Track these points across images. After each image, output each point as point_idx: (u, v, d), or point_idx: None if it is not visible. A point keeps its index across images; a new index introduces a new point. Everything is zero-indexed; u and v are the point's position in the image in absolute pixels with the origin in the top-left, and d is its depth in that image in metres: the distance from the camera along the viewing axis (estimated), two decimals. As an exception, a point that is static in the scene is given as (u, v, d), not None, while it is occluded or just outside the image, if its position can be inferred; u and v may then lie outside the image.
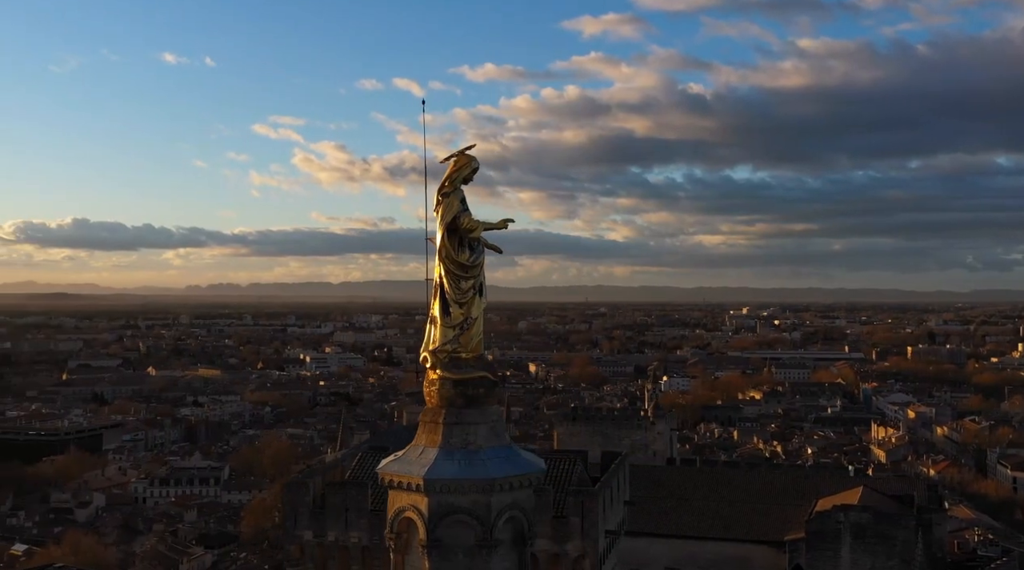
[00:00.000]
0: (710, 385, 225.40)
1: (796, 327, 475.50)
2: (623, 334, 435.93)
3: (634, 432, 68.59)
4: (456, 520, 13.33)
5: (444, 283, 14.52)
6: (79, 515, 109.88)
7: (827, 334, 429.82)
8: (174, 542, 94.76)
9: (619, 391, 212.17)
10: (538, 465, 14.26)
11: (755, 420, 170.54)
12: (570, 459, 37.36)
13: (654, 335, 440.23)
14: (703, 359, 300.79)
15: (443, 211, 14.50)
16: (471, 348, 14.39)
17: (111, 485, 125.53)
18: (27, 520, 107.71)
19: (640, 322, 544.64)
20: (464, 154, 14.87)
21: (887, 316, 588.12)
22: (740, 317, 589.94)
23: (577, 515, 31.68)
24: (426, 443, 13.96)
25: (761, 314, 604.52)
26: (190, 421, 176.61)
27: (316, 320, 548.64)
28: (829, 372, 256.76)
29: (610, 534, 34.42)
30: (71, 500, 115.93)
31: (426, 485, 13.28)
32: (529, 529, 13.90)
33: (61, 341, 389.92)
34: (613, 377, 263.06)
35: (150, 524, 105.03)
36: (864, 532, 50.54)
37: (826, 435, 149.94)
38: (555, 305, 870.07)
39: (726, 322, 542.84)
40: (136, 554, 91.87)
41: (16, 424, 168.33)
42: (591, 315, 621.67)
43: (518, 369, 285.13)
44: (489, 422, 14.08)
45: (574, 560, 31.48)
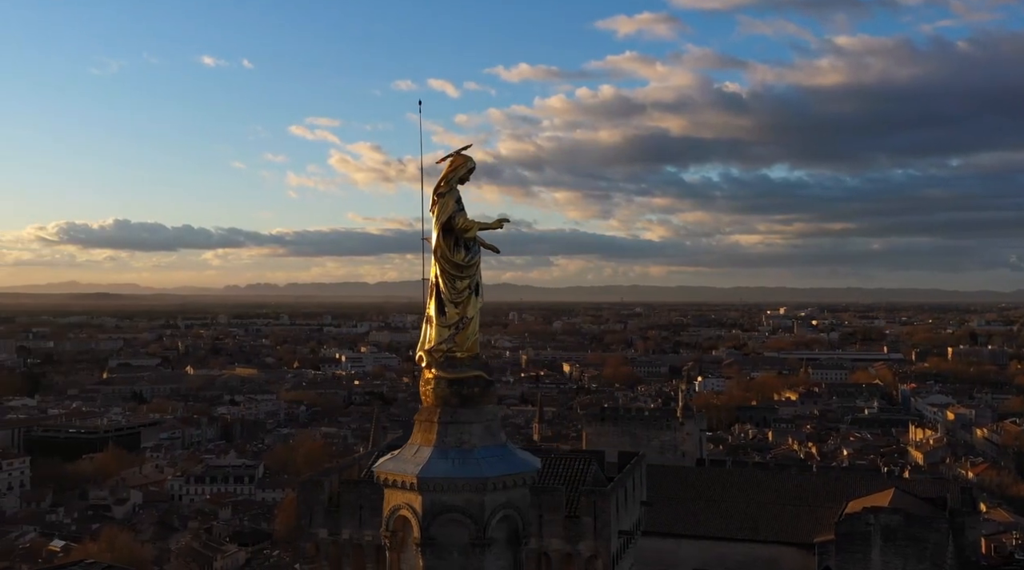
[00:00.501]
0: (745, 386, 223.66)
1: (834, 327, 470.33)
2: (658, 334, 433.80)
3: (663, 433, 68.27)
4: (450, 519, 13.36)
5: (440, 283, 14.56)
6: (116, 512, 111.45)
7: (866, 335, 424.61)
8: (208, 539, 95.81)
9: (653, 391, 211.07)
10: (532, 464, 14.24)
11: (790, 421, 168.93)
12: (585, 459, 37.24)
13: (690, 335, 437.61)
14: (739, 359, 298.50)
15: (438, 211, 14.54)
16: (466, 348, 14.41)
17: (148, 482, 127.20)
18: (66, 517, 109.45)
19: (676, 322, 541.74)
20: (460, 154, 14.89)
21: (927, 316, 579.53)
22: (777, 317, 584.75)
23: (590, 515, 31.57)
24: (421, 442, 14.02)
25: (798, 314, 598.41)
26: (226, 420, 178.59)
27: (352, 320, 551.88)
28: (867, 373, 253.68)
29: (624, 534, 34.23)
30: (109, 497, 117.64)
31: (420, 483, 13.33)
32: (524, 528, 13.88)
33: (102, 340, 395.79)
34: (647, 377, 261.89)
35: (185, 521, 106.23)
36: (895, 534, 49.92)
37: (862, 437, 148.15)
38: (590, 305, 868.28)
39: (763, 322, 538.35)
40: (171, 551, 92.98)
41: (57, 422, 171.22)
42: (626, 315, 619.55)
43: (552, 369, 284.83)
44: (484, 421, 14.10)
45: (587, 560, 31.37)
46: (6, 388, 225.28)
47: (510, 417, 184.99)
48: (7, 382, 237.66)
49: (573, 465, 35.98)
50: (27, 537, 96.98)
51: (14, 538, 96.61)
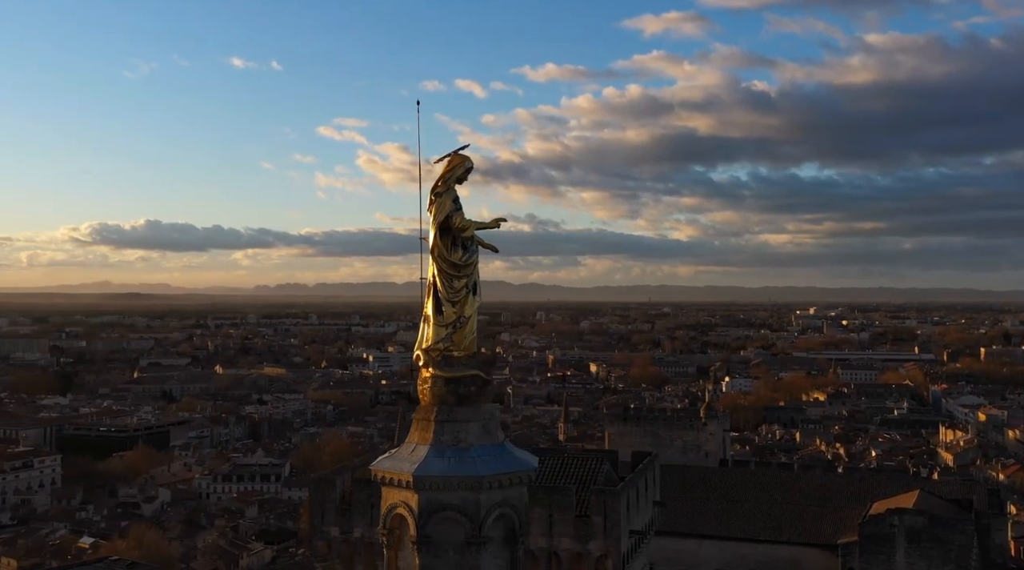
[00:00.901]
0: (773, 386, 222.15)
1: (864, 327, 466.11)
2: (686, 334, 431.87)
3: (686, 433, 67.95)
4: (446, 517, 13.38)
5: (437, 282, 14.59)
6: (145, 510, 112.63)
7: (896, 335, 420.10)
8: (235, 537, 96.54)
9: (680, 391, 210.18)
10: (529, 463, 14.23)
11: (818, 422, 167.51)
12: (596, 459, 37.13)
13: (718, 335, 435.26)
14: (767, 360, 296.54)
15: (436, 210, 14.57)
16: (464, 347, 14.44)
17: (176, 481, 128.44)
18: (96, 514, 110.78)
19: (704, 322, 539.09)
20: (457, 154, 14.91)
21: (960, 316, 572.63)
22: (807, 317, 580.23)
23: (600, 514, 31.48)
24: (418, 441, 14.07)
25: (828, 314, 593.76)
26: (254, 419, 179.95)
27: (380, 319, 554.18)
28: (897, 374, 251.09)
29: (635, 534, 34.11)
30: (138, 495, 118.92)
31: (415, 482, 13.37)
32: (520, 527, 13.87)
33: (133, 340, 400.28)
34: (675, 377, 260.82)
35: (212, 519, 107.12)
36: (919, 536, 49.36)
37: (891, 438, 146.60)
38: (618, 305, 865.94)
39: (792, 322, 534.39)
40: (198, 549, 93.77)
41: (88, 421, 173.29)
42: (654, 315, 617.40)
43: (579, 369, 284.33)
44: (481, 420, 14.11)
45: (596, 559, 31.29)
46: (39, 387, 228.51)
47: (536, 417, 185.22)
48: (40, 381, 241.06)
49: (585, 465, 35.88)
50: (58, 534, 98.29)
51: (45, 535, 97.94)
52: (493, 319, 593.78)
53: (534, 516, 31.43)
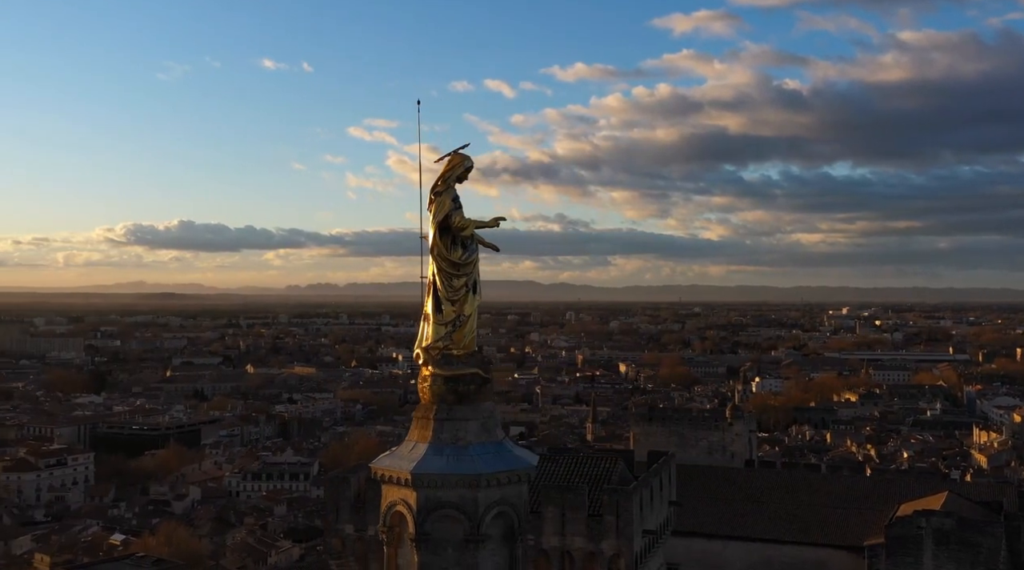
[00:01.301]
0: (804, 386, 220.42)
1: (898, 328, 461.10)
2: (716, 334, 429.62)
3: (711, 433, 67.50)
4: (444, 515, 13.41)
5: (437, 281, 14.63)
6: (176, 507, 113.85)
7: (931, 335, 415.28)
8: (263, 535, 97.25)
9: (710, 392, 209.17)
10: (528, 461, 14.22)
11: (849, 423, 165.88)
12: (610, 458, 36.97)
13: (749, 336, 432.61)
14: (798, 360, 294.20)
15: (435, 210, 14.63)
16: (463, 345, 14.47)
17: (207, 479, 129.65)
18: (128, 511, 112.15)
19: (735, 322, 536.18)
20: (457, 153, 14.97)
21: (996, 316, 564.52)
22: (840, 317, 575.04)
23: (612, 514, 31.35)
24: (417, 439, 14.13)
25: (862, 315, 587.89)
26: (284, 418, 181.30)
27: (410, 319, 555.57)
28: (931, 374, 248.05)
29: (649, 534, 33.93)
30: (169, 493, 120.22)
31: (414, 480, 13.42)
32: (519, 525, 13.87)
33: (167, 339, 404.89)
34: (704, 378, 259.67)
35: (241, 517, 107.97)
36: (947, 539, 48.75)
37: (924, 439, 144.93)
38: (648, 305, 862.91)
39: (824, 323, 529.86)
40: (227, 546, 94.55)
41: (122, 419, 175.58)
42: (684, 315, 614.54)
43: (608, 369, 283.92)
44: (480, 418, 14.12)
45: (609, 558, 31.17)
46: (74, 386, 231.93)
47: (564, 417, 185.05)
48: (75, 380, 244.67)
49: (599, 464, 35.76)
50: (90, 531, 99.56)
51: (78, 532, 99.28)
52: (523, 319, 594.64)
53: (547, 515, 31.48)
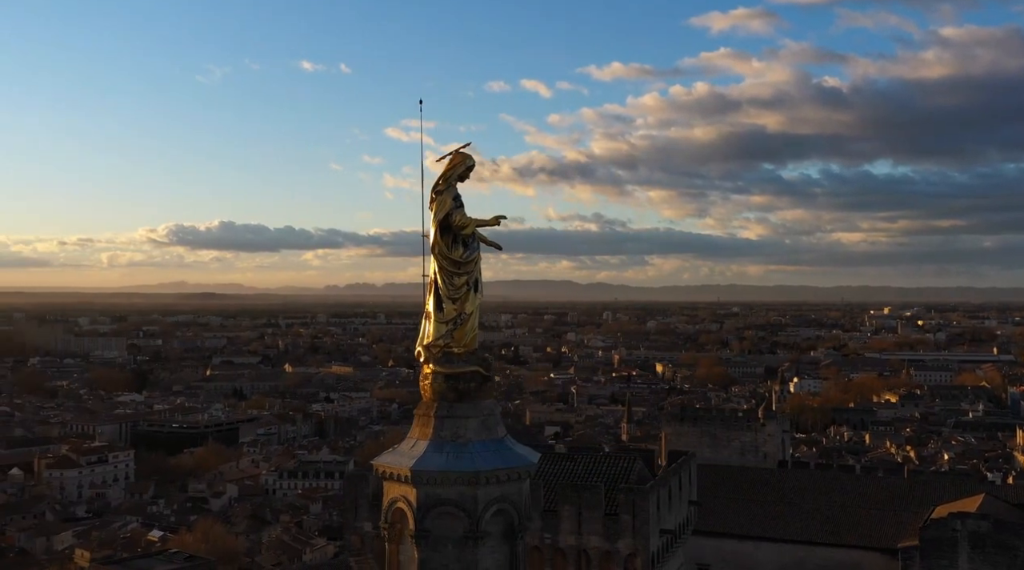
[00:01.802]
0: (843, 387, 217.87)
1: (941, 328, 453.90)
2: (755, 334, 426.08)
3: (743, 433, 67.01)
4: (444, 511, 13.46)
5: (438, 279, 14.70)
6: (213, 504, 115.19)
7: (975, 335, 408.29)
8: (298, 533, 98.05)
9: (747, 392, 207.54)
10: (528, 459, 14.21)
11: (889, 424, 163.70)
12: (629, 458, 36.76)
13: (788, 336, 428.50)
14: (837, 360, 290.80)
15: (436, 208, 14.73)
16: (465, 343, 14.53)
17: (244, 476, 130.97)
18: (166, 508, 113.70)
19: (773, 322, 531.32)
20: (459, 152, 15.03)
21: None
22: (881, 317, 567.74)
23: (629, 513, 31.20)
24: (418, 436, 14.22)
25: (903, 315, 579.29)
26: (320, 416, 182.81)
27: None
28: (974, 375, 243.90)
29: (666, 533, 33.71)
30: (206, 490, 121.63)
31: (414, 476, 13.48)
32: (520, 522, 13.86)
33: (207, 339, 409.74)
34: (742, 378, 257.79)
35: (277, 515, 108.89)
36: (983, 541, 48.02)
37: (965, 441, 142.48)
38: (685, 304, 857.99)
39: (865, 323, 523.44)
40: (262, 543, 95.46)
41: (162, 417, 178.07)
42: (722, 315, 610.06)
43: (644, 369, 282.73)
44: (480, 416, 14.16)
45: (626, 558, 31.02)
46: (116, 384, 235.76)
47: (599, 417, 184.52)
48: (118, 378, 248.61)
49: (616, 463, 35.60)
50: (129, 527, 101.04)
51: (117, 528, 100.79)
52: (560, 318, 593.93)
53: (563, 514, 31.43)
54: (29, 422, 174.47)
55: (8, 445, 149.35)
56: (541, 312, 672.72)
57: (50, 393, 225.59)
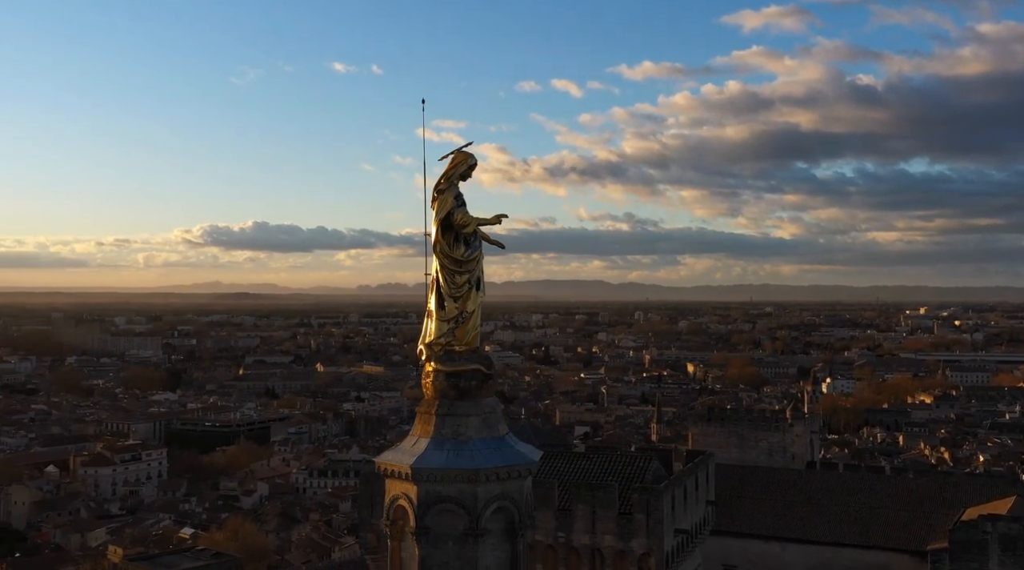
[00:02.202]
0: (877, 387, 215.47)
1: (978, 328, 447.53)
2: (788, 335, 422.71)
3: (771, 434, 66.45)
4: (444, 509, 13.53)
5: (440, 278, 14.77)
6: (244, 502, 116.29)
7: (1013, 336, 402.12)
8: (327, 531, 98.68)
9: (779, 393, 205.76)
10: (529, 457, 14.24)
11: (923, 425, 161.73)
12: (644, 457, 36.60)
13: (821, 336, 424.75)
14: (871, 361, 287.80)
15: (437, 207, 14.80)
16: (466, 342, 14.59)
17: (275, 475, 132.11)
18: (198, 506, 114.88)
19: (807, 322, 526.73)
20: (461, 151, 15.11)
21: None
22: (917, 317, 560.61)
23: (642, 512, 31.09)
24: (420, 434, 14.33)
25: (940, 315, 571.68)
26: (351, 415, 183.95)
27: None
28: (1012, 376, 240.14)
29: (681, 533, 33.54)
30: (238, 488, 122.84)
31: (414, 474, 13.57)
32: (521, 520, 13.89)
33: (240, 338, 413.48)
34: (774, 379, 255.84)
35: (307, 513, 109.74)
36: (1014, 544, 47.33)
37: (1002, 442, 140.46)
38: (718, 304, 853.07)
39: (901, 323, 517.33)
40: (292, 541, 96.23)
41: (195, 416, 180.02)
42: (755, 315, 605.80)
43: (675, 369, 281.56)
44: (481, 414, 14.22)
45: (639, 557, 30.92)
46: (151, 383, 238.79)
47: (629, 417, 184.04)
48: (152, 377, 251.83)
49: (632, 463, 35.46)
50: (161, 524, 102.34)
51: (150, 525, 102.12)
52: (591, 318, 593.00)
53: (577, 513, 31.42)
54: (66, 420, 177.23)
55: (45, 443, 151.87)
56: (572, 312, 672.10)
57: (86, 392, 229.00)
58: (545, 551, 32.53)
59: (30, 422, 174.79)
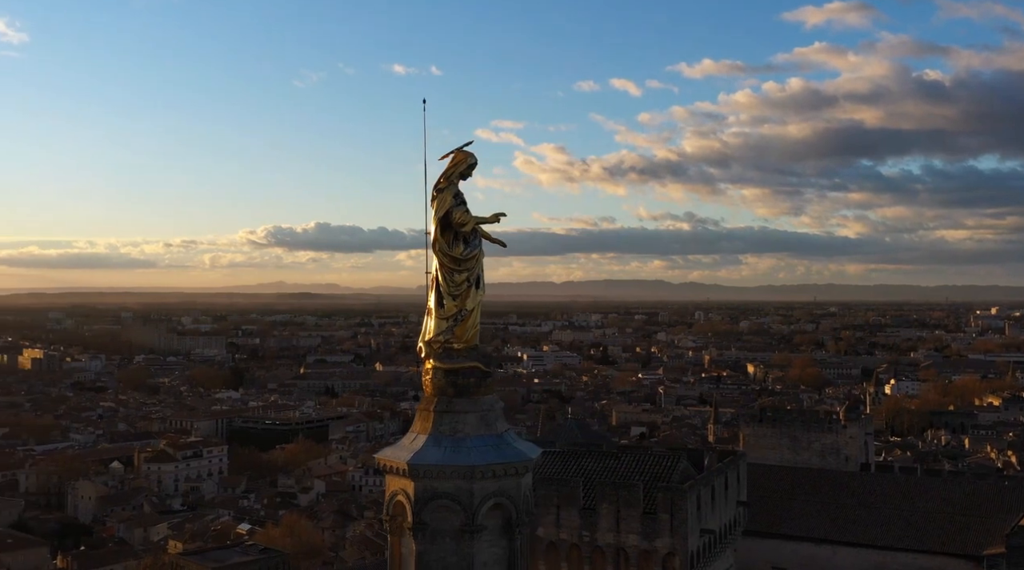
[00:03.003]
0: (942, 389, 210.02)
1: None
2: (852, 335, 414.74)
3: (824, 435, 65.37)
4: (440, 505, 13.62)
5: (439, 276, 14.88)
6: (302, 500, 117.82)
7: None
8: (381, 529, 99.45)
9: (841, 394, 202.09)
10: (527, 454, 14.23)
11: (990, 428, 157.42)
12: (672, 456, 36.19)
13: (887, 336, 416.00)
14: (938, 362, 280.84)
15: (436, 206, 14.90)
16: (465, 339, 14.66)
17: (332, 473, 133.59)
18: (256, 502, 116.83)
19: (872, 322, 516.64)
20: (461, 151, 15.16)
21: None
22: (987, 318, 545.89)
23: (666, 512, 30.78)
24: (419, 430, 14.44)
25: (1012, 315, 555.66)
26: (407, 414, 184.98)
27: (537, 319, 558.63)
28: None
29: (708, 533, 33.10)
30: (295, 485, 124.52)
31: (410, 470, 13.68)
32: (518, 517, 13.90)
33: (302, 338, 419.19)
34: (837, 380, 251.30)
35: (362, 511, 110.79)
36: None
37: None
38: (781, 304, 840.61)
39: (971, 323, 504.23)
40: (346, 538, 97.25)
41: (256, 414, 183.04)
42: (819, 315, 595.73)
43: (735, 370, 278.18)
44: (479, 411, 14.27)
45: (664, 557, 30.62)
46: (215, 381, 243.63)
47: (686, 418, 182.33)
48: (216, 376, 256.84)
49: (659, 462, 35.11)
50: (220, 519, 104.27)
51: (210, 520, 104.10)
52: (651, 318, 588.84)
53: (602, 512, 31.25)
54: (132, 417, 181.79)
55: (112, 439, 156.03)
56: (632, 312, 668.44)
57: (153, 390, 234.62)
58: (570, 550, 32.50)
59: (98, 419, 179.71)
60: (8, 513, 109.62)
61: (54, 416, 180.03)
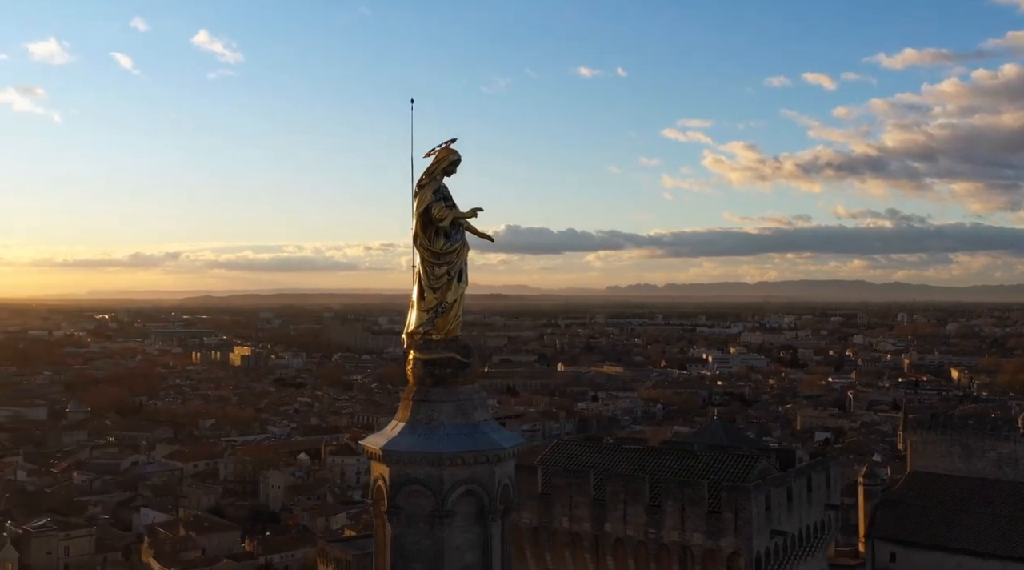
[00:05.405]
0: None
1: None
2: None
3: (1001, 444, 60.70)
4: (413, 490, 14.01)
5: (421, 270, 15.26)
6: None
7: None
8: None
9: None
10: (499, 443, 14.37)
11: None
12: (752, 456, 34.65)
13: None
14: None
15: (417, 202, 15.28)
16: (445, 331, 14.99)
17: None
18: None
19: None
20: (446, 148, 15.44)
21: None
22: None
23: (731, 511, 29.61)
24: (399, 418, 14.94)
25: None
26: (583, 414, 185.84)
27: (726, 320, 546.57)
28: None
29: (779, 535, 31.52)
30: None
31: (384, 455, 14.15)
32: (490, 504, 14.06)
33: (490, 338, 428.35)
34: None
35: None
36: None
37: None
38: (996, 306, 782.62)
39: None
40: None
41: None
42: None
43: (937, 375, 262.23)
44: (456, 400, 14.57)
45: (728, 556, 29.50)
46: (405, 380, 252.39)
47: (876, 424, 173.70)
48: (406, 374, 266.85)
49: (739, 462, 33.80)
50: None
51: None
52: (848, 320, 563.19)
53: (667, 509, 30.51)
54: (324, 412, 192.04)
55: (303, 432, 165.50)
56: (829, 313, 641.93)
57: (346, 386, 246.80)
58: (636, 547, 32.06)
59: (294, 413, 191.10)
60: (207, 498, 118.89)
61: (256, 410, 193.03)
